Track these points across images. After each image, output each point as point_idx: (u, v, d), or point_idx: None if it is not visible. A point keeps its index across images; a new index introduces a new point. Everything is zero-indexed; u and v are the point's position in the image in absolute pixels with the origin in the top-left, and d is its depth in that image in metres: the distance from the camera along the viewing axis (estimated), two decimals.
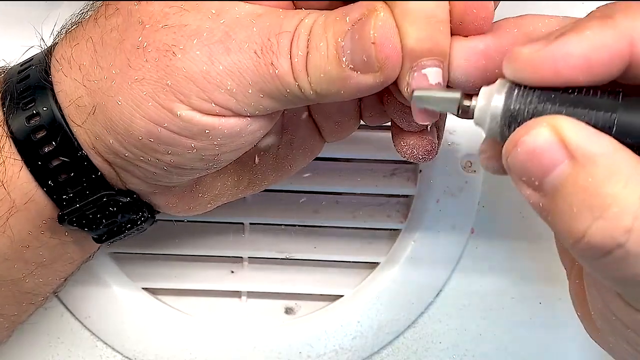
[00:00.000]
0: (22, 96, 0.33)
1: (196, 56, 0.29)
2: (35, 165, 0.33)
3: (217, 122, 0.30)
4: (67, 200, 0.34)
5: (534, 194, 0.25)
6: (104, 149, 0.32)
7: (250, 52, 0.29)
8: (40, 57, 0.34)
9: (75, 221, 0.34)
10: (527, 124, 0.25)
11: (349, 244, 0.46)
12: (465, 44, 0.29)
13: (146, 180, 0.34)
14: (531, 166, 0.25)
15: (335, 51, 0.29)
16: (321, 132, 0.38)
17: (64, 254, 0.37)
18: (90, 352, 0.46)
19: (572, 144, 0.24)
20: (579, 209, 0.24)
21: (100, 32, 0.32)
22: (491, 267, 0.46)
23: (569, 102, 0.26)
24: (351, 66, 0.29)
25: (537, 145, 0.25)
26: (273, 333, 0.46)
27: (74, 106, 0.32)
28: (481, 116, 0.28)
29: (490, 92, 0.27)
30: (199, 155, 0.31)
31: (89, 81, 0.31)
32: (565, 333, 0.46)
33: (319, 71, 0.29)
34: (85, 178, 0.33)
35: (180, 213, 0.37)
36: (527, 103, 0.26)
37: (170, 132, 0.30)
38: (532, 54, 0.26)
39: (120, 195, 0.34)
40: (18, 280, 0.36)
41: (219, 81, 0.29)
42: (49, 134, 0.32)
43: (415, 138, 0.34)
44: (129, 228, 0.36)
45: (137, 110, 0.30)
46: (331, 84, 0.29)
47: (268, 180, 0.38)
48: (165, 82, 0.30)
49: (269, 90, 0.30)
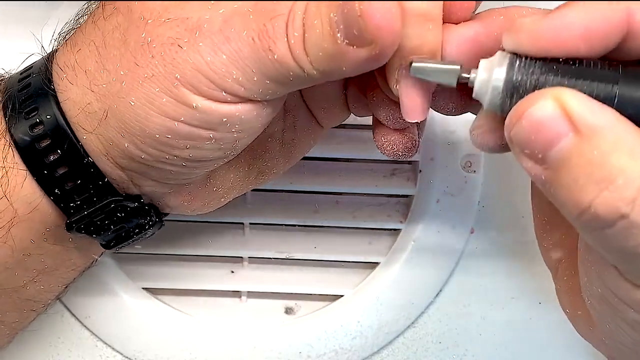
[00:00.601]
0: (24, 105, 0.33)
1: (200, 48, 0.29)
2: (40, 174, 0.32)
3: (234, 109, 0.30)
4: (75, 207, 0.33)
5: (537, 167, 0.26)
6: (118, 154, 0.32)
7: (248, 39, 0.29)
8: (40, 64, 0.34)
9: (83, 228, 0.34)
10: (531, 96, 0.26)
11: (349, 244, 0.46)
12: (456, 30, 0.30)
13: (161, 181, 0.34)
14: (535, 139, 0.25)
15: (329, 27, 0.28)
16: (316, 118, 0.38)
17: (67, 261, 0.37)
18: (90, 352, 0.46)
19: (576, 116, 0.24)
20: (584, 181, 0.24)
21: (101, 34, 0.32)
22: (491, 267, 0.46)
23: (571, 74, 0.26)
24: (346, 41, 0.28)
25: (542, 117, 0.25)
26: (273, 333, 0.46)
27: (83, 114, 0.32)
28: (482, 88, 0.28)
29: (491, 65, 0.27)
30: (218, 145, 0.31)
31: (96, 86, 0.31)
32: (565, 333, 0.46)
33: (317, 49, 0.28)
34: (92, 185, 0.33)
35: (196, 211, 0.37)
36: (529, 74, 0.26)
37: (187, 125, 0.30)
38: (534, 23, 0.26)
39: (128, 201, 0.34)
40: (19, 288, 0.36)
41: (225, 71, 0.29)
42: (53, 142, 0.32)
43: (396, 134, 0.34)
44: (137, 233, 0.36)
45: (151, 108, 0.30)
46: (331, 61, 0.29)
47: (277, 168, 0.38)
48: (174, 76, 0.30)
49: (273, 75, 0.29)
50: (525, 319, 0.46)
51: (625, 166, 0.24)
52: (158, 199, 0.35)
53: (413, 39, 0.29)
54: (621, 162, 0.24)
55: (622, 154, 0.24)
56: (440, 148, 0.44)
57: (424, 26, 0.29)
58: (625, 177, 0.24)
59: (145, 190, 0.34)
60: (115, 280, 0.45)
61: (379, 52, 0.28)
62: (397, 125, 0.34)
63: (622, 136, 0.24)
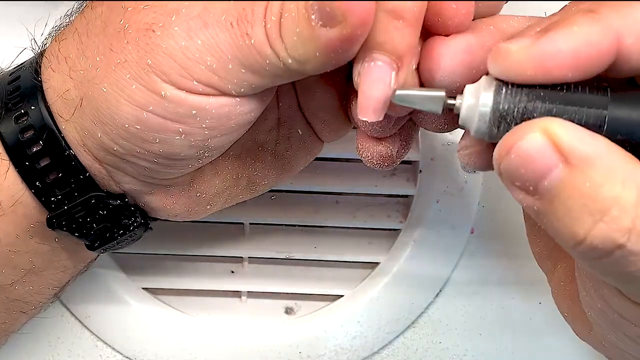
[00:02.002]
0: (12, 96, 0.33)
1: (175, 32, 0.29)
2: (23, 165, 0.32)
3: (205, 102, 0.30)
4: (56, 202, 0.33)
5: (529, 198, 0.25)
6: (93, 145, 0.32)
7: (226, 24, 0.28)
8: (32, 58, 0.34)
9: (65, 225, 0.34)
10: (519, 129, 0.25)
11: (349, 244, 0.46)
12: (448, 42, 0.29)
13: (139, 178, 0.33)
14: (525, 172, 0.25)
15: (304, 10, 0.28)
16: (315, 132, 0.37)
17: (55, 262, 0.36)
18: (90, 352, 0.46)
19: (566, 147, 0.24)
20: (578, 212, 0.24)
21: (85, 22, 0.32)
22: (491, 267, 0.46)
23: (559, 100, 0.26)
24: (320, 22, 0.27)
25: (531, 150, 0.24)
26: (273, 333, 0.46)
27: (61, 100, 0.32)
28: (468, 115, 0.27)
29: (477, 90, 0.27)
30: (189, 141, 0.31)
31: (75, 72, 0.31)
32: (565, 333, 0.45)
33: (292, 34, 0.28)
34: (74, 179, 0.33)
35: (180, 216, 0.36)
36: (516, 102, 0.26)
37: (156, 116, 0.30)
38: (519, 52, 0.26)
39: (110, 198, 0.34)
40: (6, 287, 0.35)
41: (199, 57, 0.29)
42: (37, 133, 0.32)
43: (373, 142, 0.33)
44: (121, 234, 0.35)
45: (121, 95, 0.30)
46: (306, 47, 0.28)
47: (268, 180, 0.38)
48: (145, 62, 0.29)
49: (249, 63, 0.29)
50: (525, 319, 0.46)
51: (619, 196, 0.23)
52: (140, 199, 0.35)
53: (378, 34, 0.28)
54: (614, 192, 0.23)
55: (615, 183, 0.24)
56: (440, 148, 0.44)
57: (392, 23, 0.28)
58: (620, 207, 0.23)
59: (126, 188, 0.34)
60: (115, 280, 0.45)
61: (350, 32, 0.27)
62: (374, 133, 0.33)
63: (614, 165, 0.24)
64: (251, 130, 0.33)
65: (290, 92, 0.36)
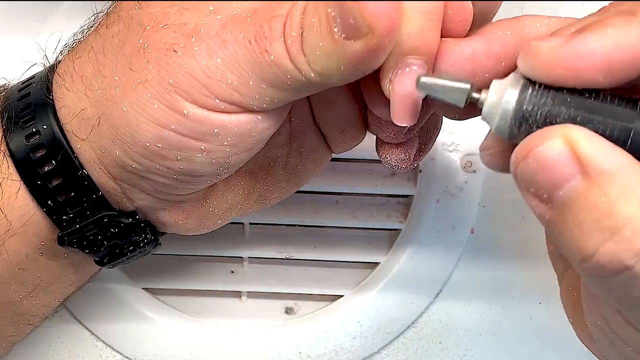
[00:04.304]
0: (22, 114, 0.32)
1: (195, 52, 0.29)
2: (34, 184, 0.32)
3: (227, 120, 0.29)
4: (67, 220, 0.33)
5: (541, 206, 0.25)
6: (110, 163, 0.31)
7: (245, 41, 0.28)
8: (42, 74, 0.34)
9: (76, 242, 0.33)
10: (540, 133, 0.24)
11: (349, 244, 0.46)
12: (453, 47, 0.28)
13: (154, 195, 0.33)
14: (541, 179, 0.24)
15: (327, 23, 0.27)
16: (328, 142, 0.37)
17: (63, 276, 0.36)
18: (90, 352, 0.46)
19: (586, 158, 0.23)
20: (589, 227, 0.23)
21: (101, 41, 0.31)
22: (491, 267, 0.46)
23: (585, 108, 0.25)
24: (344, 35, 0.27)
25: (550, 157, 0.24)
26: (273, 333, 0.46)
27: (77, 120, 0.31)
28: (490, 112, 0.27)
29: (503, 88, 0.26)
30: (209, 158, 0.30)
31: (92, 91, 0.31)
32: (565, 333, 0.45)
33: (314, 48, 0.28)
34: (86, 198, 0.32)
35: (190, 231, 0.36)
36: (540, 105, 0.25)
37: (178, 134, 0.30)
38: (551, 50, 0.25)
39: (122, 216, 0.33)
40: (15, 302, 0.35)
41: (219, 75, 0.29)
42: (49, 152, 0.32)
43: (391, 146, 0.34)
44: (131, 250, 0.35)
45: (142, 114, 0.30)
46: (329, 60, 0.28)
47: (279, 193, 0.38)
48: (167, 82, 0.29)
49: (270, 79, 0.29)
50: (525, 319, 0.46)
51: (634, 215, 0.22)
52: (152, 215, 0.35)
53: (412, 39, 0.27)
54: (629, 211, 0.23)
55: (631, 202, 0.23)
56: (440, 148, 0.44)
57: (427, 25, 0.27)
58: (633, 228, 0.22)
59: (139, 205, 0.34)
60: (115, 280, 0.45)
61: (376, 44, 0.27)
62: (388, 139, 0.33)
63: (633, 182, 0.23)
64: (264, 146, 0.33)
65: (303, 105, 0.35)
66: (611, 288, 0.24)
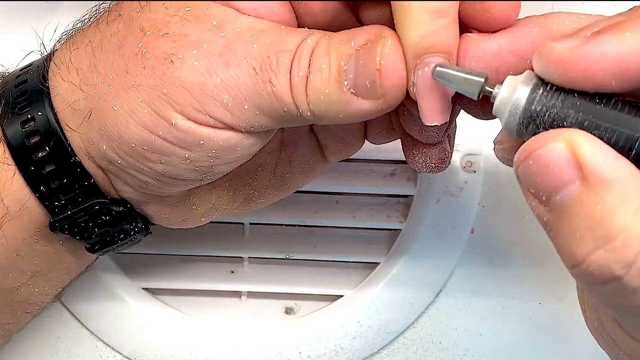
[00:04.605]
0: (18, 101, 0.33)
1: (194, 67, 0.29)
2: (28, 170, 0.32)
3: (213, 134, 0.30)
4: (59, 207, 0.33)
5: (540, 207, 0.25)
6: (97, 155, 0.32)
7: (249, 68, 0.29)
8: (39, 62, 0.34)
9: (67, 229, 0.34)
10: (543, 136, 0.24)
11: (349, 244, 0.46)
12: (477, 43, 0.28)
13: (138, 189, 0.33)
14: (541, 181, 0.24)
15: (337, 74, 0.28)
16: (324, 151, 0.37)
17: (60, 264, 0.36)
18: (90, 352, 0.46)
19: (587, 164, 0.23)
20: (582, 234, 0.23)
21: (100, 37, 0.32)
22: (491, 267, 0.46)
23: (593, 113, 0.25)
24: (352, 90, 0.28)
25: (551, 160, 0.24)
26: (273, 333, 0.46)
27: (69, 110, 0.32)
28: (500, 107, 0.27)
29: (515, 85, 0.26)
30: (193, 166, 0.31)
31: (85, 85, 0.31)
32: (565, 333, 0.46)
33: (319, 93, 0.28)
34: (78, 185, 0.33)
35: (174, 225, 0.36)
36: (549, 106, 0.25)
37: (164, 141, 0.30)
38: (564, 51, 0.24)
39: (113, 204, 0.34)
40: (12, 290, 0.35)
41: (215, 94, 0.29)
42: (43, 139, 0.32)
43: (429, 148, 0.33)
44: (122, 238, 0.36)
45: (132, 116, 0.30)
46: (330, 107, 0.28)
47: (265, 198, 0.38)
48: (161, 90, 0.29)
49: (265, 108, 0.29)
50: (525, 319, 0.46)
51: (628, 226, 0.22)
52: (136, 206, 0.35)
53: (426, 38, 0.27)
54: (624, 221, 0.22)
55: (627, 212, 0.22)
56: None
57: (439, 23, 0.27)
58: (625, 238, 0.22)
59: (124, 196, 0.34)
60: (115, 280, 0.45)
61: (386, 107, 0.28)
62: (430, 140, 0.33)
63: (632, 192, 0.23)
64: None
65: None
66: (602, 295, 0.24)
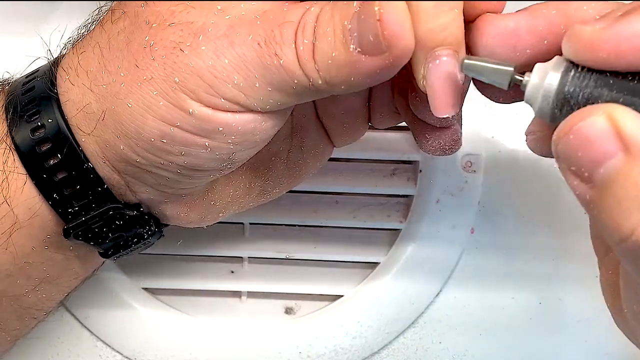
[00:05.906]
0: (27, 108, 0.32)
1: (202, 52, 0.29)
2: (40, 178, 0.32)
3: (231, 119, 0.30)
4: (73, 213, 0.33)
5: (582, 185, 0.24)
6: (114, 157, 0.32)
7: (253, 43, 0.29)
8: (46, 68, 0.34)
9: (81, 235, 0.34)
10: (582, 111, 0.24)
11: (349, 244, 0.46)
12: (496, 21, 0.28)
13: (158, 188, 0.33)
14: (583, 156, 0.24)
15: (342, 35, 0.28)
16: (330, 136, 0.37)
17: (69, 270, 0.36)
18: (90, 352, 0.46)
19: (628, 135, 0.23)
20: (628, 206, 0.23)
21: (107, 36, 0.31)
22: (491, 267, 0.46)
23: (627, 90, 0.25)
24: (359, 49, 0.27)
25: (592, 134, 0.24)
26: (273, 333, 0.46)
27: (82, 114, 0.31)
28: (533, 94, 0.27)
29: (545, 70, 0.26)
30: (214, 154, 0.31)
31: (97, 86, 0.31)
32: (565, 333, 0.46)
33: (327, 57, 0.28)
34: (91, 191, 0.32)
35: (192, 224, 0.36)
36: (582, 86, 0.25)
37: (183, 131, 0.30)
38: (594, 33, 0.25)
39: (127, 209, 0.34)
40: (20, 296, 0.35)
41: (226, 75, 0.29)
42: (54, 146, 0.32)
43: (441, 131, 0.34)
44: (135, 242, 0.36)
45: (148, 111, 0.30)
46: (340, 71, 0.28)
47: (280, 188, 0.38)
48: (173, 80, 0.29)
49: (277, 82, 0.29)
50: (525, 319, 0.46)
51: None
52: (155, 208, 0.35)
53: (435, 32, 0.28)
54: None
55: None
56: None
57: (448, 16, 0.28)
58: None
59: (142, 198, 0.34)
60: (115, 280, 0.45)
61: (392, 62, 0.27)
62: (443, 123, 0.33)
63: None
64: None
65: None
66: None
